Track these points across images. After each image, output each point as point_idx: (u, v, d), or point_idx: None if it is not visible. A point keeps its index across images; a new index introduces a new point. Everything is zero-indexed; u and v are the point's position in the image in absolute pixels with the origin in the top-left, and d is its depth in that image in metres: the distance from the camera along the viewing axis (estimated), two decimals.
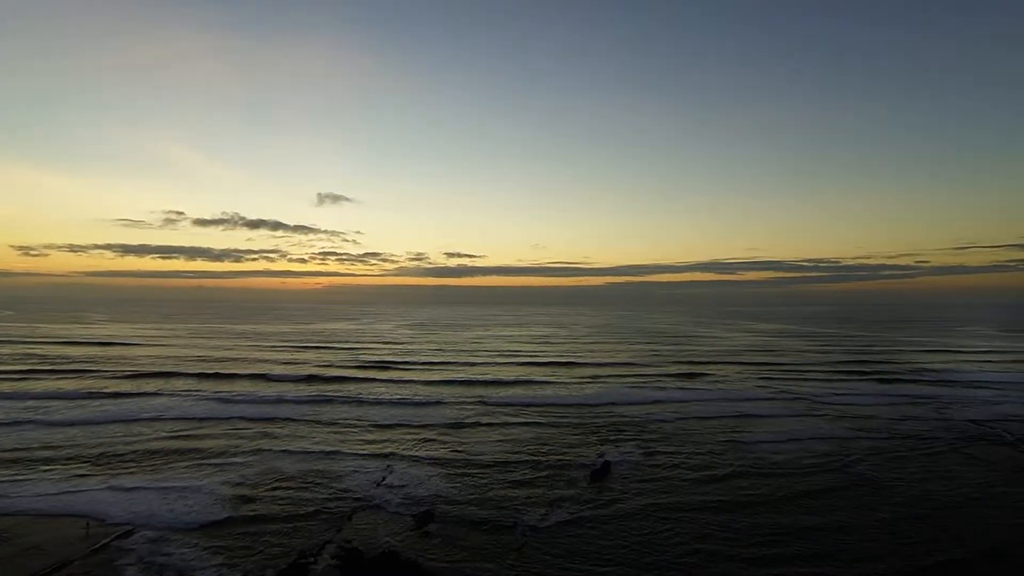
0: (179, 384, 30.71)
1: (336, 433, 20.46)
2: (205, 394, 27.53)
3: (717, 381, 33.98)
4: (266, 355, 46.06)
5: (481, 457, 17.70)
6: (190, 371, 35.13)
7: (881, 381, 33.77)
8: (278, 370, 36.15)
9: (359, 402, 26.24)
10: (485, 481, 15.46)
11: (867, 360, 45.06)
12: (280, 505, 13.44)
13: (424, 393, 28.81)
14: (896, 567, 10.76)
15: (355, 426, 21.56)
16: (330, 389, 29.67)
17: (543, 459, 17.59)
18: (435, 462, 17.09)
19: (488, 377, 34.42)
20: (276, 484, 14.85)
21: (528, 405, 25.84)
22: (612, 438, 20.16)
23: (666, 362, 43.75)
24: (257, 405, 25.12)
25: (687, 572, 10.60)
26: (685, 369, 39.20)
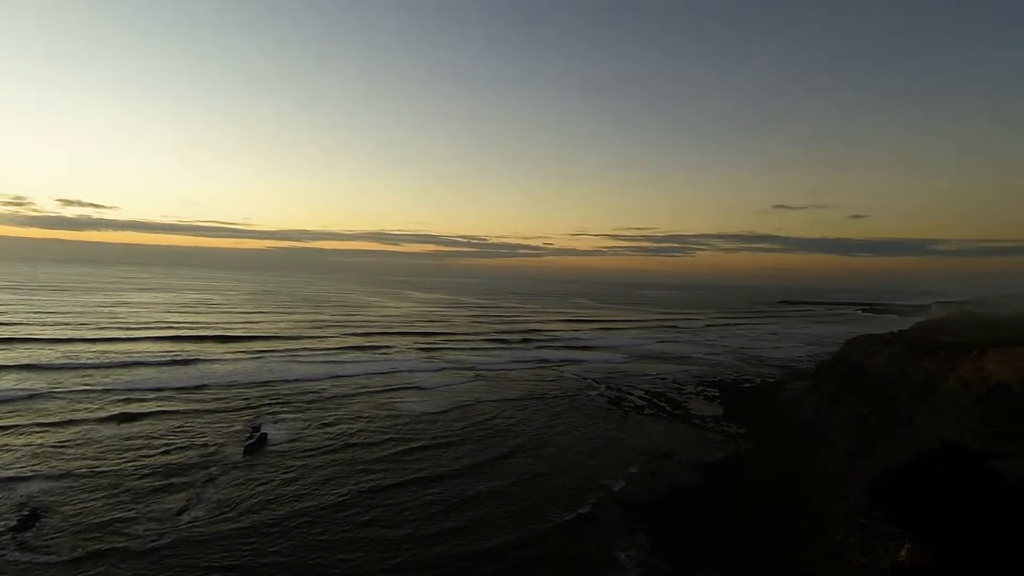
0: None
1: None
2: None
3: (385, 352, 34.75)
4: None
5: (111, 453, 14.44)
6: None
7: (522, 348, 39.99)
8: None
9: None
10: (115, 476, 12.83)
11: (511, 330, 52.69)
12: None
13: (23, 381, 21.45)
14: (556, 511, 12.37)
15: None
16: None
17: (188, 449, 15.04)
18: (43, 471, 13.11)
19: (121, 357, 27.43)
20: None
21: (166, 388, 21.79)
22: (273, 418, 18.39)
23: (334, 333, 42.83)
24: None
25: (350, 564, 10.10)
26: (353, 341, 38.76)
